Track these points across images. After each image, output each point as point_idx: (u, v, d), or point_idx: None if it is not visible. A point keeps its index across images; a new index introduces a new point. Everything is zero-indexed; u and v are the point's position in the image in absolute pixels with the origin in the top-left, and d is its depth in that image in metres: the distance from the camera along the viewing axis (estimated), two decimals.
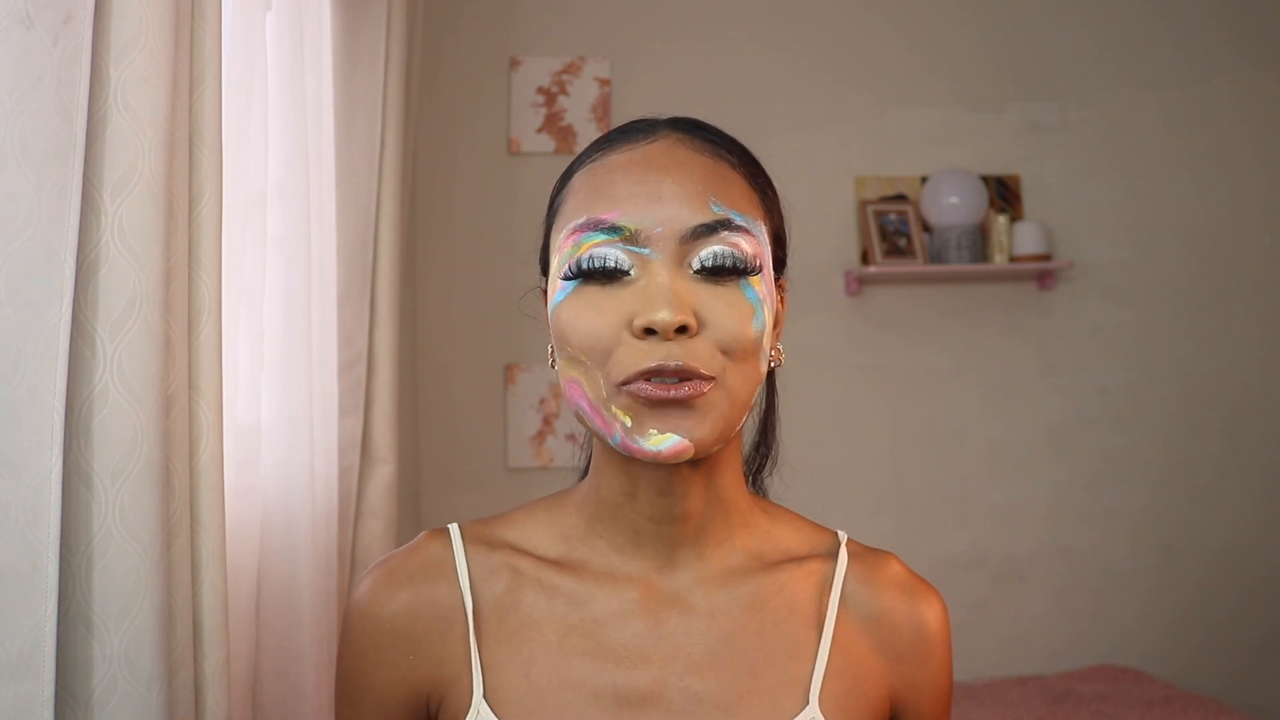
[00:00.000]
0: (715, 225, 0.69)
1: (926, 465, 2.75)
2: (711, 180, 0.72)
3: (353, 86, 1.67)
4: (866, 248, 2.69)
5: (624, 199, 0.70)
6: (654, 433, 0.68)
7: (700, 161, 0.72)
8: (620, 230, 0.69)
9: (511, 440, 2.62)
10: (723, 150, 0.75)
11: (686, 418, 0.68)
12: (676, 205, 0.69)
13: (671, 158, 0.72)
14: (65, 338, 0.77)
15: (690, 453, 0.68)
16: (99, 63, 0.81)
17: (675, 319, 0.66)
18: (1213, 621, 2.74)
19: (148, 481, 0.84)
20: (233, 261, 1.20)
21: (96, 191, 0.82)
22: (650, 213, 0.69)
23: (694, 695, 0.73)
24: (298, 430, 1.40)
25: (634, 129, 0.75)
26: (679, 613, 0.75)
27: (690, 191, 0.70)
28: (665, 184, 0.70)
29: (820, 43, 2.80)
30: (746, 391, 0.71)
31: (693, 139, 0.74)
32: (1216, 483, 2.79)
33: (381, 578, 0.79)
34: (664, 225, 0.69)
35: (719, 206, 0.70)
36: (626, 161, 0.72)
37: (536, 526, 0.80)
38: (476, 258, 2.63)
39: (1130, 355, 2.81)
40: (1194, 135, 2.85)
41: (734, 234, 0.70)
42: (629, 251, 0.69)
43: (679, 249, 0.69)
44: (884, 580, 0.80)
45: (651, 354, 0.67)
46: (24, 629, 0.74)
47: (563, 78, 2.70)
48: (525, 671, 0.74)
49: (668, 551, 0.76)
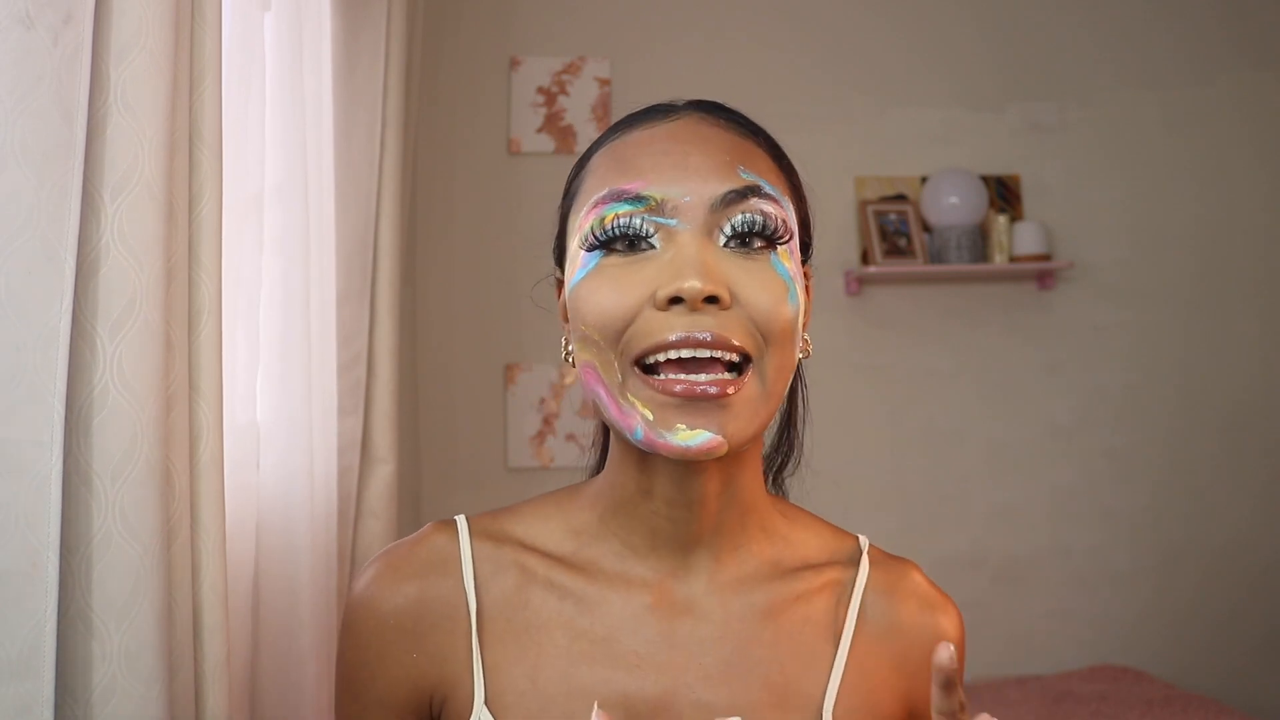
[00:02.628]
0: (746, 191, 0.66)
1: (926, 465, 2.75)
2: (738, 150, 0.69)
3: (353, 86, 1.67)
4: (866, 248, 2.69)
5: (648, 170, 0.67)
6: (682, 428, 0.63)
7: (725, 135, 0.70)
8: (645, 200, 0.66)
9: (511, 440, 2.62)
10: (747, 128, 0.73)
11: (720, 411, 0.63)
12: (704, 173, 0.66)
13: (696, 132, 0.69)
14: (65, 338, 0.77)
15: (724, 450, 0.64)
16: (99, 63, 0.81)
17: (705, 286, 0.62)
18: (1213, 621, 2.74)
19: (148, 481, 0.83)
20: (232, 261, 1.20)
21: (96, 191, 0.81)
22: (676, 182, 0.66)
23: (705, 707, 0.70)
24: (297, 430, 1.40)
25: (654, 110, 0.73)
26: (692, 620, 0.72)
27: (718, 161, 0.67)
28: (691, 154, 0.67)
29: (820, 43, 2.80)
30: (782, 382, 0.67)
31: (716, 116, 0.72)
32: (1216, 483, 2.79)
33: (384, 570, 0.75)
34: (692, 194, 0.66)
35: (748, 174, 0.67)
36: (649, 137, 0.69)
37: (546, 522, 0.76)
38: (476, 258, 2.63)
39: (1130, 355, 2.81)
40: (1194, 135, 2.85)
41: (764, 201, 0.67)
42: (654, 222, 0.66)
43: (708, 218, 0.66)
44: (905, 592, 0.77)
45: (675, 324, 0.63)
46: (24, 629, 0.74)
47: (563, 78, 2.70)
48: (531, 676, 0.71)
49: (682, 553, 0.72)
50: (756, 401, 0.65)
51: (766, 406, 0.66)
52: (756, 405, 0.65)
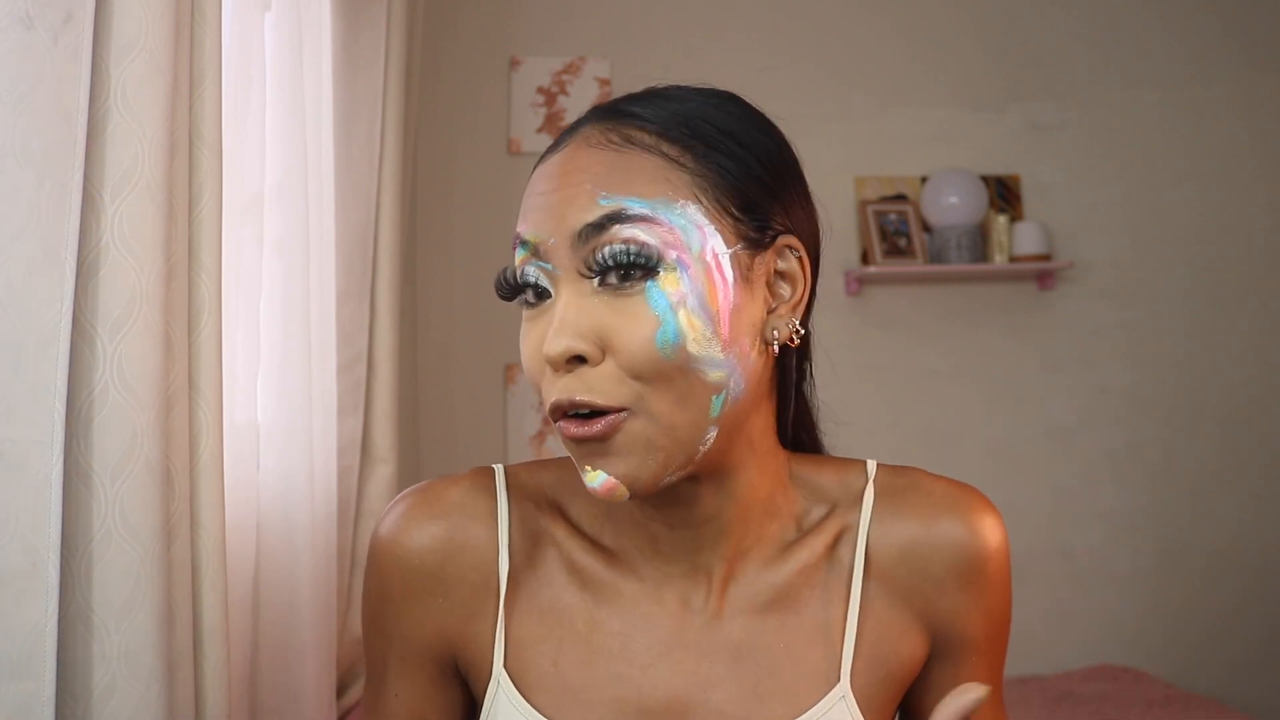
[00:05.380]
0: (603, 221, 0.61)
1: (926, 465, 2.72)
2: (608, 172, 0.63)
3: (353, 86, 1.67)
4: (866, 248, 2.69)
5: (530, 210, 0.66)
6: (588, 469, 0.63)
7: (599, 157, 0.64)
8: (527, 245, 0.65)
9: (511, 440, 2.62)
10: (640, 129, 0.65)
11: (605, 455, 0.62)
12: (562, 209, 0.63)
13: (571, 162, 0.65)
14: (65, 337, 0.77)
15: (624, 491, 0.62)
16: (99, 63, 0.81)
17: (557, 350, 0.61)
18: (1213, 621, 2.74)
19: (148, 481, 0.84)
20: (232, 261, 1.20)
21: (96, 191, 0.82)
22: (544, 223, 0.64)
23: (715, 707, 0.69)
24: (297, 430, 1.40)
25: (564, 132, 0.70)
26: (703, 620, 0.71)
27: (576, 193, 0.63)
28: (558, 189, 0.64)
29: (820, 43, 2.80)
30: (689, 415, 0.62)
31: (604, 129, 0.66)
32: (1216, 483, 2.79)
33: (415, 505, 0.72)
34: (555, 235, 0.63)
35: (608, 199, 0.62)
36: (541, 172, 0.67)
37: (577, 494, 0.74)
38: (476, 258, 2.63)
39: (1130, 355, 2.81)
40: (1194, 135, 2.84)
41: (628, 226, 0.61)
42: (540, 268, 0.64)
43: (573, 258, 0.62)
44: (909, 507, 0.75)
45: (554, 388, 0.63)
46: (24, 629, 0.74)
47: (563, 78, 2.70)
48: (554, 658, 0.70)
49: (689, 557, 0.71)
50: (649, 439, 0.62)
51: (673, 441, 0.62)
52: (650, 443, 0.62)
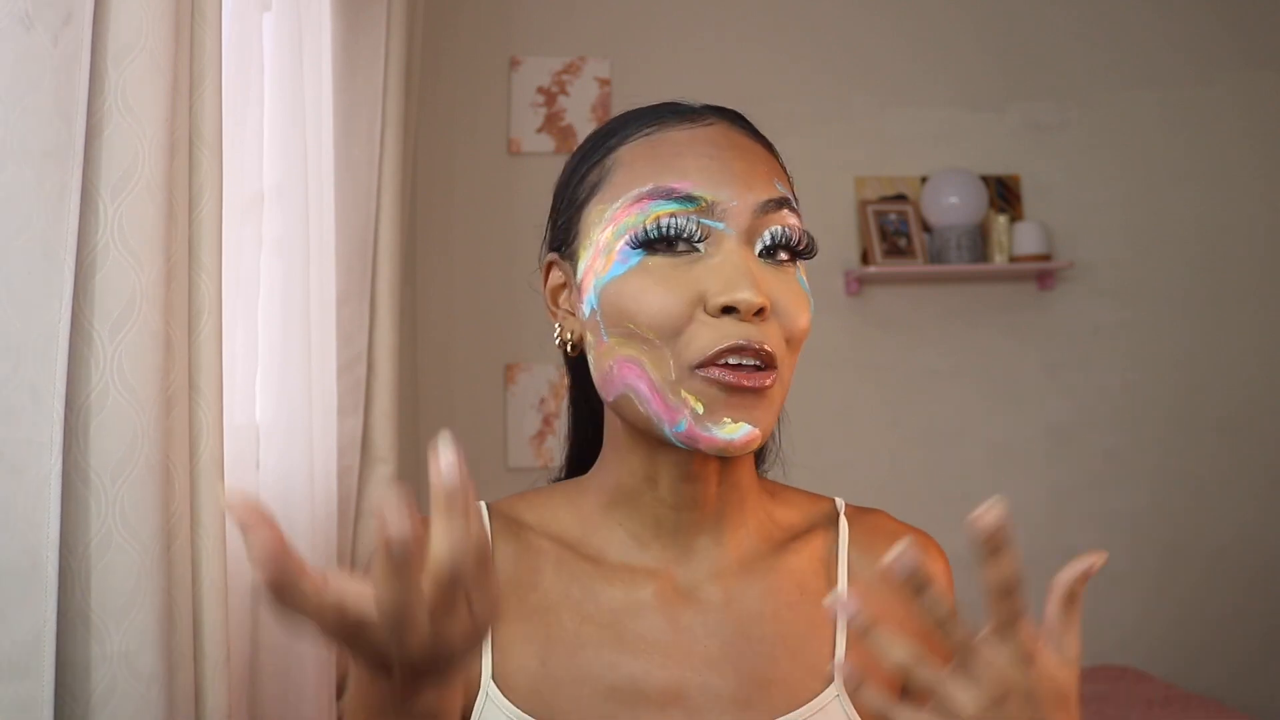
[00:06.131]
0: (780, 202, 0.70)
1: (926, 465, 2.75)
2: (768, 160, 0.73)
3: (353, 87, 1.67)
4: (866, 248, 2.69)
5: (694, 171, 0.69)
6: (728, 421, 0.66)
7: (754, 145, 0.74)
8: (695, 201, 0.68)
9: (511, 440, 2.62)
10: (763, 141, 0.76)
11: (758, 407, 0.67)
12: (747, 180, 0.70)
13: (731, 139, 0.72)
14: (65, 338, 0.77)
15: (758, 443, 0.68)
16: (99, 63, 0.81)
17: (758, 299, 0.66)
18: (1213, 621, 2.74)
19: (148, 481, 0.84)
20: (232, 261, 1.20)
21: (96, 191, 0.82)
22: (724, 185, 0.69)
23: (713, 691, 0.71)
24: (297, 430, 1.40)
25: (680, 109, 0.75)
26: (696, 605, 0.74)
27: (757, 171, 0.71)
28: (734, 160, 0.70)
29: (820, 43, 2.80)
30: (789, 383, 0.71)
31: (742, 126, 0.75)
32: (1216, 483, 2.79)
33: None
34: (738, 199, 0.69)
35: (781, 186, 0.72)
36: (689, 138, 0.71)
37: (556, 510, 0.79)
38: (476, 258, 2.63)
39: (1130, 355, 2.81)
40: (1194, 135, 2.85)
41: (792, 214, 0.71)
42: (704, 225, 0.68)
43: (750, 224, 0.69)
44: (880, 539, 0.80)
45: (731, 334, 0.66)
46: (23, 629, 0.74)
47: (563, 78, 2.70)
48: (541, 658, 0.72)
49: (686, 541, 0.75)
50: (778, 399, 0.69)
51: (781, 404, 0.71)
52: (778, 402, 0.70)
